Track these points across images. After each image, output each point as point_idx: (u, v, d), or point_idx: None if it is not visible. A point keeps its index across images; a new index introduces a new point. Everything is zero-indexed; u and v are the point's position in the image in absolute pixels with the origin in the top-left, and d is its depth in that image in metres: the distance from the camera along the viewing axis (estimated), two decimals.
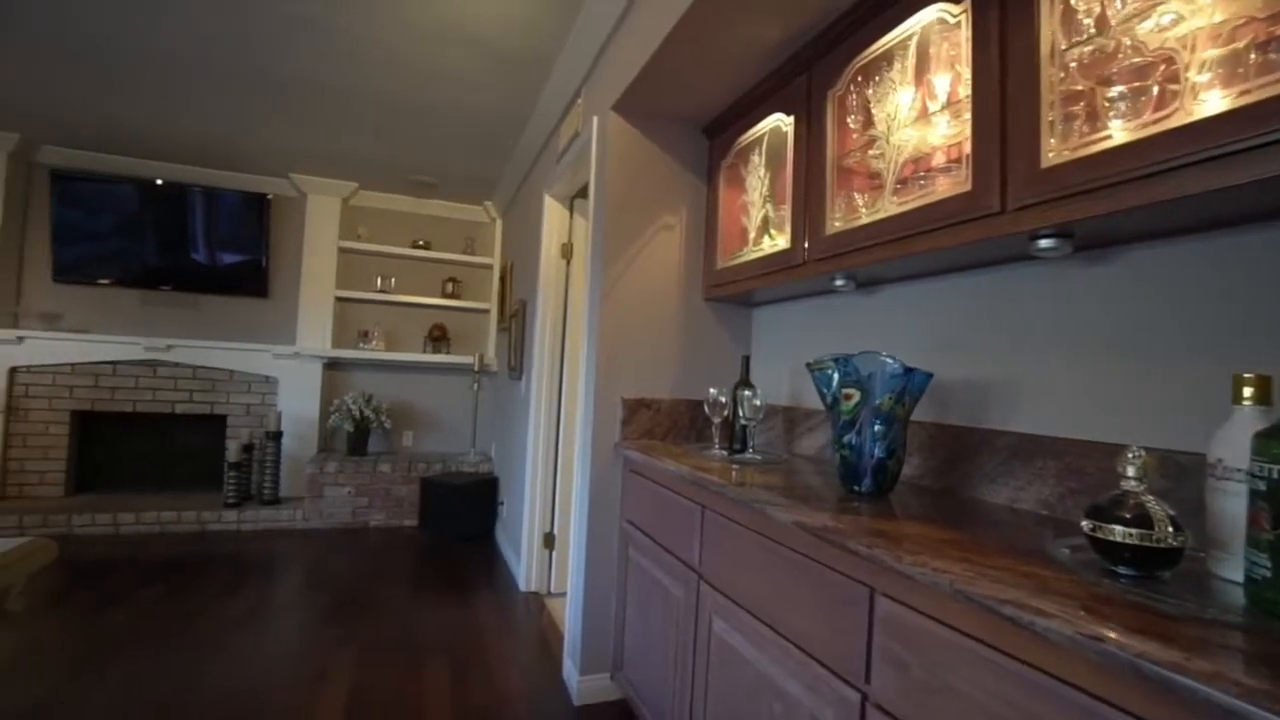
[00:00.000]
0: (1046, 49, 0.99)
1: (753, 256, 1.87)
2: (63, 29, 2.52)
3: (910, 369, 1.20)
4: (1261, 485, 0.65)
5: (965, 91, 1.15)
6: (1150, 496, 0.73)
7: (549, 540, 3.03)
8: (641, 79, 1.89)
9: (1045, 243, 1.04)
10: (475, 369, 4.61)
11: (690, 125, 2.22)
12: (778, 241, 1.77)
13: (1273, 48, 0.74)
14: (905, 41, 1.33)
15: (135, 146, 3.93)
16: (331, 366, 4.60)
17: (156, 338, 4.17)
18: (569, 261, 3.10)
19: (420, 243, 4.74)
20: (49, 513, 3.68)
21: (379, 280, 4.66)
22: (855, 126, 1.49)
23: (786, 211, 1.70)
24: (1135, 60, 0.89)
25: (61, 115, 3.46)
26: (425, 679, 2.17)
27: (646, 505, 1.86)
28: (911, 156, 1.33)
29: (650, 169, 2.17)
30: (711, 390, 1.87)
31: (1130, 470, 0.76)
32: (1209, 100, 0.78)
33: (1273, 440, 0.64)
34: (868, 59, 1.42)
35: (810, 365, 1.35)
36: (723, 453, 1.83)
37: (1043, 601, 0.66)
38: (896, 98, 1.35)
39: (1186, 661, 0.52)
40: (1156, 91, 0.86)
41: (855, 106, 1.49)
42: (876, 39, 1.38)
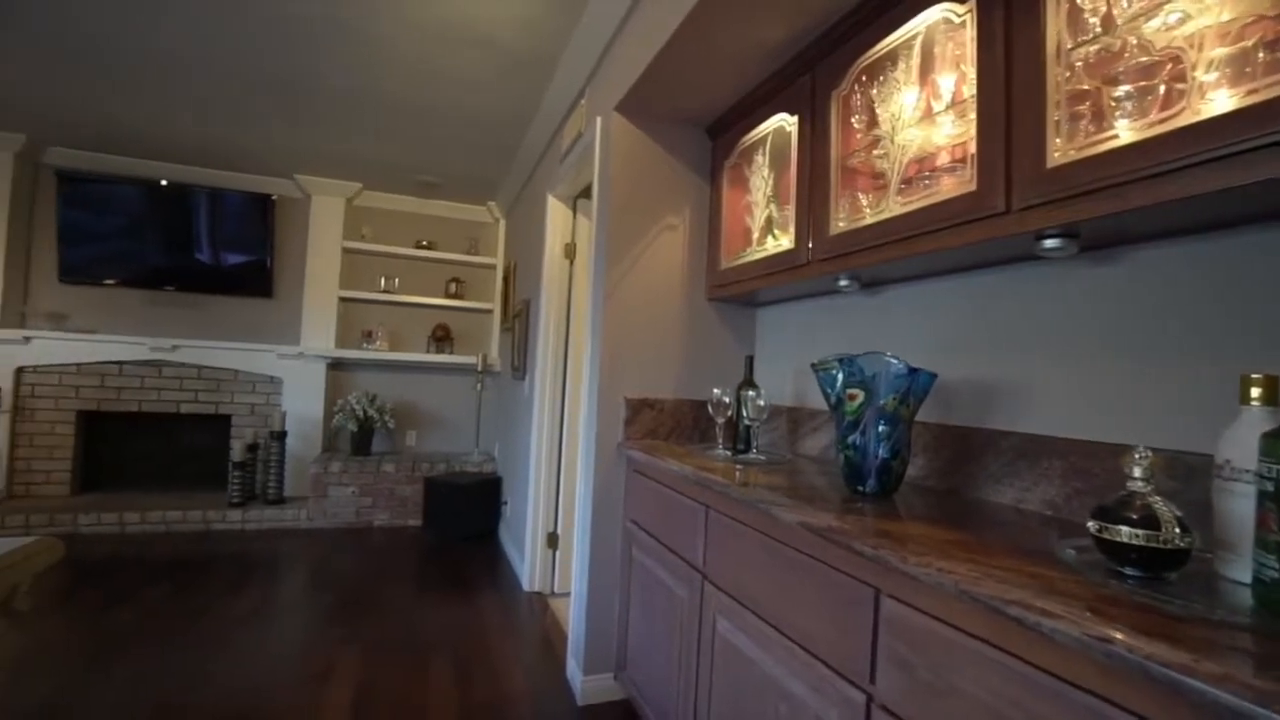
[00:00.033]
0: (1052, 48, 0.99)
1: (756, 257, 1.87)
2: (63, 29, 2.53)
3: (915, 369, 1.20)
4: (1270, 486, 0.65)
5: (970, 91, 1.15)
6: (1157, 497, 0.73)
7: (552, 540, 3.03)
8: (645, 79, 1.89)
9: (1051, 243, 1.04)
10: (479, 369, 4.62)
11: (693, 125, 2.21)
12: (781, 242, 1.77)
13: None
14: (910, 41, 1.33)
15: (140, 147, 3.95)
16: (335, 366, 4.61)
17: (162, 338, 4.19)
18: (572, 261, 3.10)
19: (424, 243, 4.75)
20: (55, 512, 3.70)
21: (383, 280, 4.67)
22: (859, 126, 1.49)
23: (790, 211, 1.70)
24: (1142, 59, 0.88)
25: (64, 116, 3.48)
26: (430, 678, 2.18)
27: (650, 505, 1.86)
28: (916, 156, 1.33)
29: (654, 169, 2.17)
30: (715, 390, 1.87)
31: (1137, 471, 0.75)
32: (1216, 99, 0.78)
33: None
34: (872, 59, 1.42)
35: (815, 365, 1.34)
36: (726, 453, 1.83)
37: (1049, 602, 0.66)
38: (901, 97, 1.35)
39: (1195, 663, 0.52)
40: (1163, 91, 0.86)
41: (859, 106, 1.49)
42: (881, 39, 1.38)
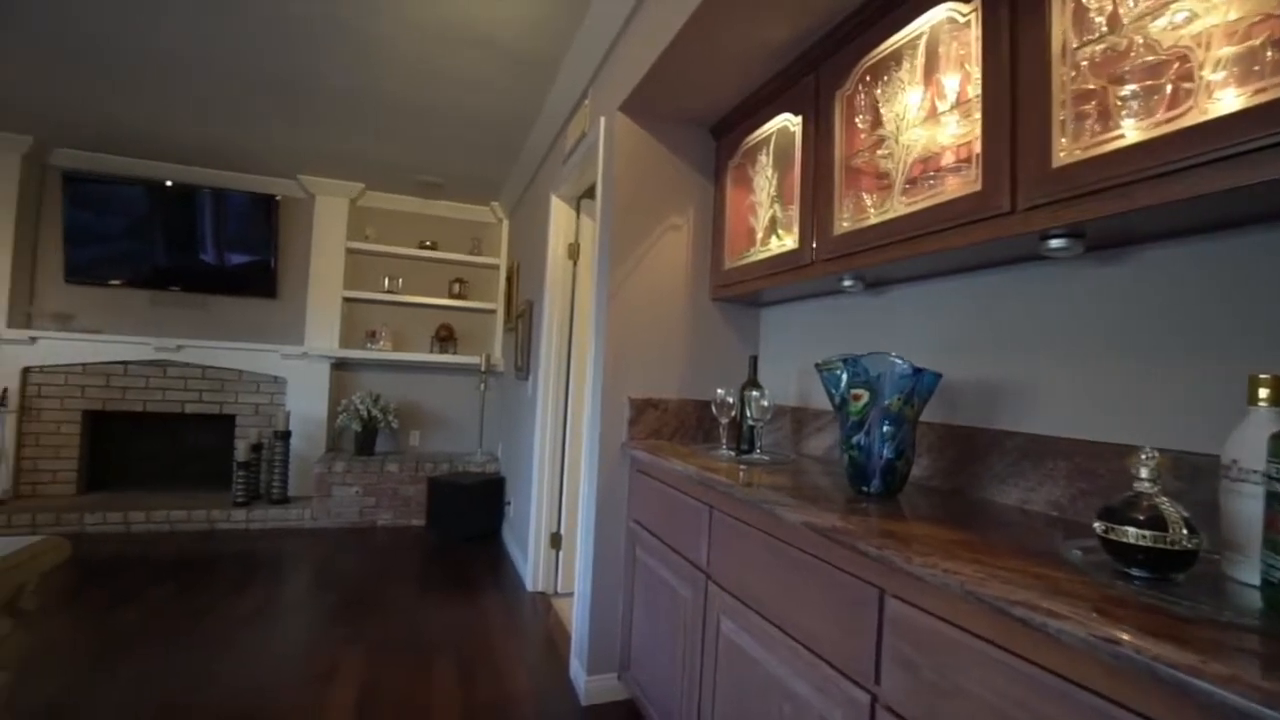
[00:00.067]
0: (1058, 48, 0.99)
1: (760, 257, 1.87)
2: (63, 29, 2.53)
3: (919, 369, 1.19)
4: (1278, 487, 0.64)
5: (975, 91, 1.15)
6: (1164, 498, 0.73)
7: (556, 540, 3.04)
8: (649, 79, 1.89)
9: (1056, 243, 1.03)
10: (482, 369, 4.63)
11: (697, 126, 2.21)
12: (785, 242, 1.77)
13: None
14: (914, 41, 1.32)
15: (143, 148, 3.96)
16: (339, 366, 4.62)
17: (166, 338, 4.20)
18: (576, 262, 3.11)
19: (427, 243, 4.76)
20: (61, 511, 3.72)
21: (386, 281, 4.68)
22: (863, 126, 1.49)
23: (794, 212, 1.69)
24: (1148, 59, 0.88)
25: (65, 116, 3.48)
26: (433, 678, 2.18)
27: (654, 505, 1.86)
28: (920, 156, 1.33)
29: (657, 169, 2.17)
30: (719, 390, 1.87)
31: (1143, 471, 0.75)
32: (1224, 99, 0.77)
33: None
34: (876, 59, 1.42)
35: (819, 366, 1.34)
36: (730, 453, 1.83)
37: (1055, 603, 0.66)
38: (905, 97, 1.34)
39: (1203, 665, 0.52)
40: (1170, 90, 0.85)
41: (863, 106, 1.49)
42: (885, 39, 1.38)
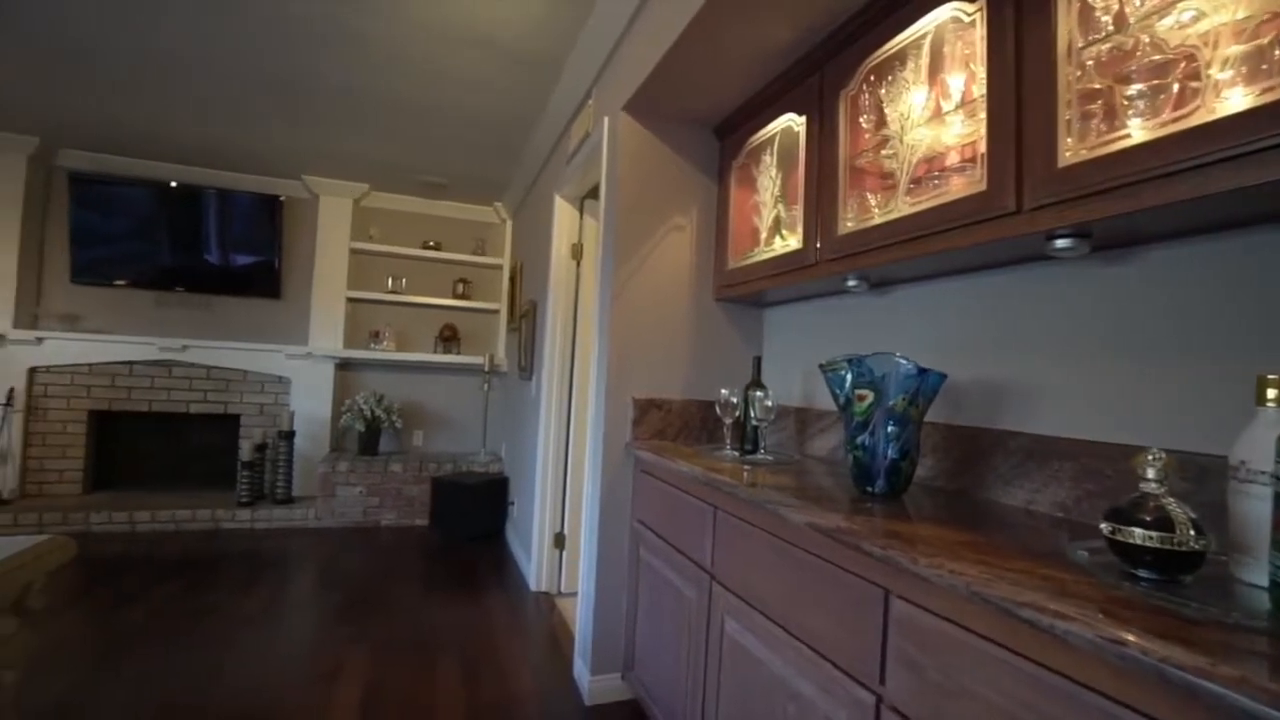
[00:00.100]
0: (1063, 47, 0.98)
1: (764, 257, 1.87)
2: (62, 29, 2.53)
3: (924, 370, 1.19)
4: None
5: (980, 91, 1.15)
6: (1171, 499, 0.72)
7: (559, 540, 3.04)
8: (653, 79, 1.89)
9: (1062, 243, 1.03)
10: (485, 369, 4.63)
11: (701, 126, 2.21)
12: (789, 242, 1.77)
13: None
14: (919, 41, 1.32)
15: (148, 149, 3.98)
16: (343, 366, 4.63)
17: (171, 338, 4.22)
18: (579, 262, 3.11)
19: (431, 244, 4.77)
20: (68, 510, 3.74)
21: (390, 281, 4.69)
22: (868, 126, 1.49)
23: (798, 212, 1.69)
24: (1155, 58, 0.88)
25: (65, 116, 3.48)
26: (437, 678, 2.19)
27: (658, 506, 1.86)
28: (925, 156, 1.32)
29: (661, 169, 2.17)
30: (723, 391, 1.87)
31: (1150, 472, 0.75)
32: (1231, 98, 0.77)
33: None
34: (880, 58, 1.42)
35: (823, 366, 1.34)
36: (734, 453, 1.83)
37: (1062, 604, 0.66)
38: (910, 97, 1.34)
39: (1212, 666, 0.52)
40: (1177, 89, 0.85)
41: (868, 106, 1.48)
42: (889, 38, 1.38)
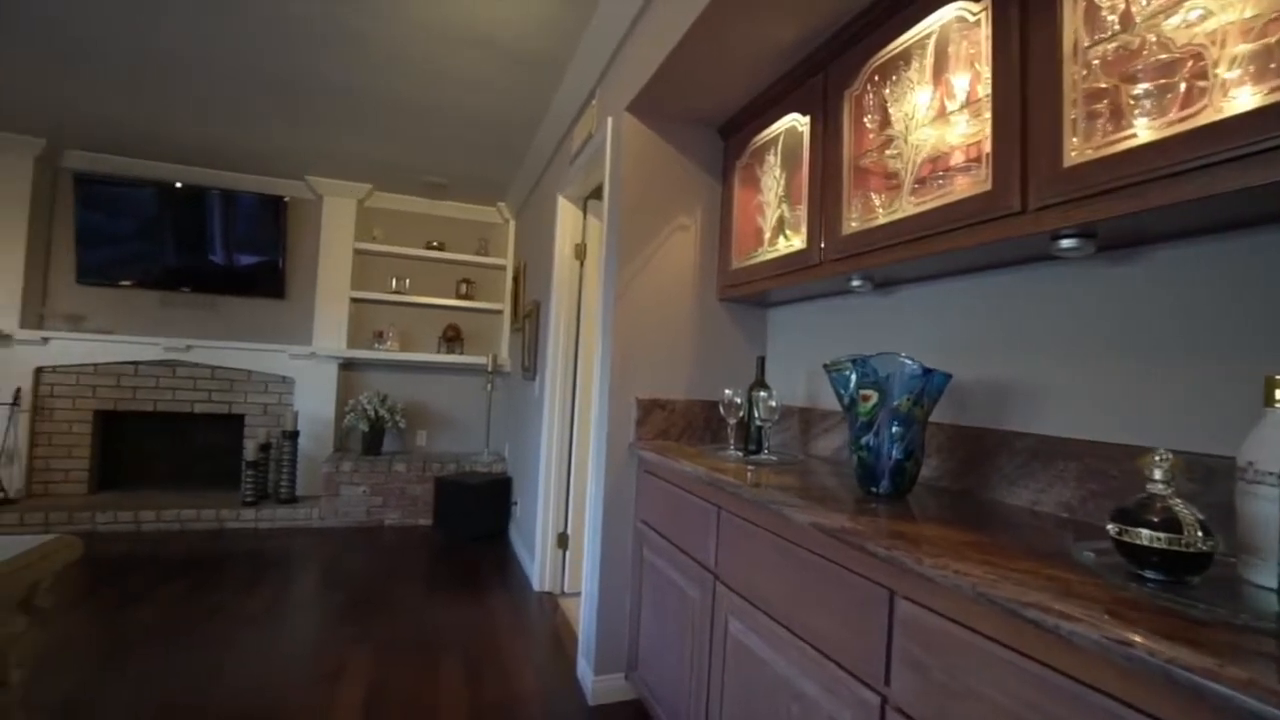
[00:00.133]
0: (1069, 46, 0.98)
1: (768, 257, 1.87)
2: (61, 29, 2.54)
3: (929, 370, 1.19)
4: None
5: (985, 90, 1.14)
6: (1178, 500, 0.72)
7: (563, 540, 3.04)
8: (657, 79, 1.89)
9: (1067, 243, 1.03)
10: (489, 369, 4.64)
11: (705, 126, 2.21)
12: (793, 242, 1.77)
13: None
14: (923, 40, 1.32)
15: (149, 149, 3.99)
16: (347, 367, 4.64)
17: (176, 338, 4.24)
18: (582, 262, 3.11)
19: (434, 244, 4.78)
20: (74, 510, 3.75)
21: (393, 281, 4.70)
22: (872, 126, 1.48)
23: (802, 212, 1.69)
24: (1161, 57, 0.87)
25: (69, 117, 3.50)
26: (441, 678, 2.19)
27: (661, 506, 1.86)
28: (929, 156, 1.32)
29: (665, 169, 2.17)
30: (726, 391, 1.87)
31: (1157, 473, 0.74)
32: (1239, 97, 0.77)
33: None
34: (885, 58, 1.41)
35: (827, 366, 1.34)
36: (738, 454, 1.83)
37: (1068, 605, 0.66)
38: (914, 97, 1.34)
39: (1220, 668, 0.52)
40: (1184, 89, 0.85)
41: (872, 106, 1.48)
42: (894, 38, 1.38)
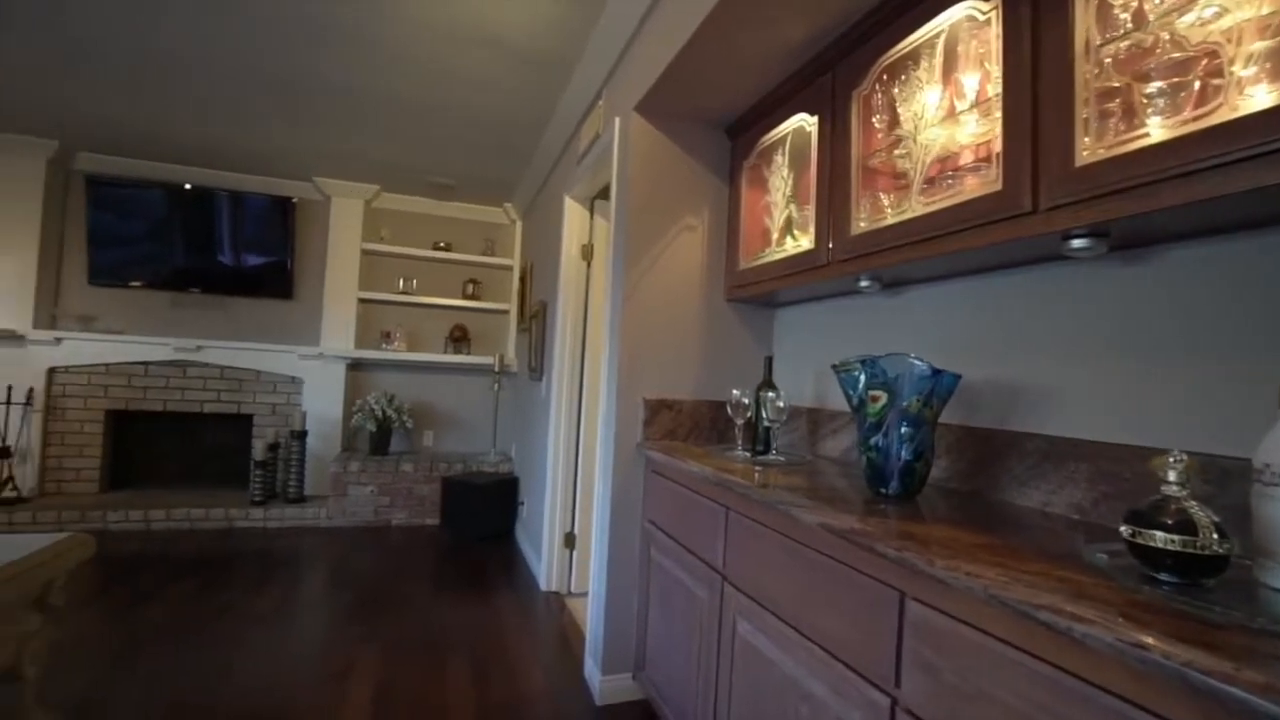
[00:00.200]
0: (1081, 45, 0.97)
1: (776, 257, 1.87)
2: (61, 29, 2.56)
3: (938, 370, 1.18)
4: None
5: (995, 90, 1.14)
6: (1193, 502, 0.72)
7: (570, 540, 3.04)
8: (664, 79, 1.89)
9: (1079, 243, 1.02)
10: (495, 369, 4.65)
11: (712, 126, 2.21)
12: (801, 242, 1.76)
13: None
14: (933, 40, 1.31)
15: (152, 149, 4.01)
16: (354, 367, 4.67)
17: (186, 338, 4.27)
18: (589, 263, 3.11)
19: (441, 244, 4.80)
20: (86, 509, 3.79)
21: (401, 281, 4.72)
22: (881, 126, 1.48)
23: (810, 212, 1.69)
24: (1175, 55, 0.87)
25: (69, 117, 3.51)
26: (448, 677, 2.20)
27: (669, 506, 1.86)
28: (939, 156, 1.32)
29: (672, 170, 2.17)
30: (734, 391, 1.87)
31: (1171, 475, 0.74)
32: (1255, 95, 0.76)
33: None
34: (894, 58, 1.41)
35: (836, 367, 1.34)
36: (746, 454, 1.83)
37: (1080, 607, 0.65)
38: (923, 96, 1.34)
39: (1236, 671, 0.51)
40: (1198, 87, 0.84)
41: (881, 106, 1.48)
42: (903, 37, 1.37)
